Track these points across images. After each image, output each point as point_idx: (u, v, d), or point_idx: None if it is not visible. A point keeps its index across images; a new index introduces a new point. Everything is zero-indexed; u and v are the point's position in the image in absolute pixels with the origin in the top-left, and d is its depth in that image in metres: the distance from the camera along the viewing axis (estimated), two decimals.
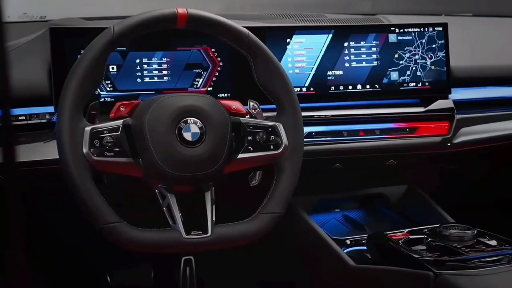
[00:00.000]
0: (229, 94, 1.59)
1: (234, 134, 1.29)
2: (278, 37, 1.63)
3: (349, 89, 1.67)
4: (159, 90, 1.54)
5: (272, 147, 1.30)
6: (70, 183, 1.17)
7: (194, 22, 1.26)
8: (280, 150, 1.29)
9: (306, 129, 1.59)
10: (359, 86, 1.67)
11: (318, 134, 1.62)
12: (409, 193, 1.84)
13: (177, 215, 1.22)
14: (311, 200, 1.75)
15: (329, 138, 1.63)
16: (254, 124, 1.30)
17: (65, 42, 1.48)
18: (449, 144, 1.70)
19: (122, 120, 1.23)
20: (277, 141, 1.30)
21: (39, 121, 1.46)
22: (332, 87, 1.66)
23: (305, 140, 1.57)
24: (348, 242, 1.60)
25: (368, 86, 1.68)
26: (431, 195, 1.79)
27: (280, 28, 1.65)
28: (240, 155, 1.28)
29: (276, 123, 1.31)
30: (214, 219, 1.25)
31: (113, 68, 1.52)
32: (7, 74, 0.74)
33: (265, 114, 1.37)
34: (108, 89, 1.52)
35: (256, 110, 1.36)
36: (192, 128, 1.22)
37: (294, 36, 1.64)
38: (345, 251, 1.56)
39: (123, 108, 1.25)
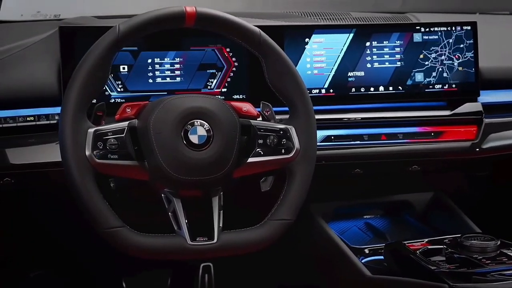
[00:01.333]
0: (244, 96, 1.57)
1: (245, 137, 1.27)
2: (297, 36, 1.60)
3: (371, 91, 1.63)
4: (171, 91, 1.53)
5: (283, 151, 1.27)
6: (71, 185, 1.16)
7: (203, 21, 1.24)
8: (291, 154, 1.27)
9: (325, 133, 1.58)
10: (381, 88, 1.64)
11: (337, 137, 1.59)
12: (435, 201, 1.80)
13: (183, 220, 1.20)
14: (330, 207, 1.73)
15: (349, 142, 1.60)
16: (265, 127, 1.28)
17: (75, 41, 1.48)
18: (477, 149, 1.65)
19: (127, 122, 1.22)
20: (289, 145, 1.27)
21: (48, 122, 1.46)
22: (353, 89, 1.63)
23: (323, 144, 1.57)
24: (366, 251, 1.57)
25: (391, 88, 1.64)
26: (457, 203, 1.75)
27: (298, 27, 1.62)
28: (250, 159, 1.26)
29: (287, 126, 1.28)
30: (221, 225, 1.23)
31: (124, 68, 1.52)
32: None
33: (279, 117, 1.35)
34: (119, 89, 1.52)
35: (268, 113, 1.34)
36: (199, 130, 1.21)
37: (313, 35, 1.61)
38: (363, 260, 1.53)
39: (129, 110, 1.24)
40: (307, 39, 1.61)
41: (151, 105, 1.24)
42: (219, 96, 1.52)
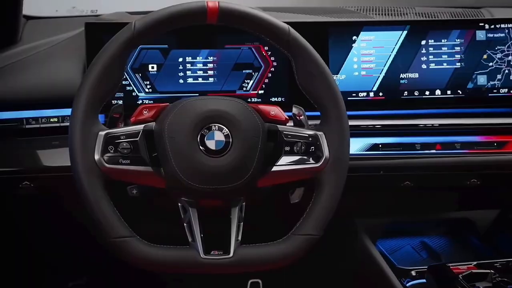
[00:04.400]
0: (283, 99, 1.54)
1: (271, 143, 1.24)
2: (343, 33, 1.55)
3: (426, 95, 1.57)
4: (203, 92, 1.51)
5: (311, 159, 1.23)
6: (79, 191, 1.15)
7: (226, 17, 1.21)
8: (319, 163, 1.22)
9: (372, 140, 1.53)
10: (438, 92, 1.57)
11: (386, 146, 1.53)
12: (501, 220, 1.70)
13: (197, 231, 1.18)
14: (380, 223, 1.67)
15: (399, 152, 1.54)
16: (292, 132, 1.24)
17: (102, 38, 1.48)
18: None
19: (143, 125, 1.21)
20: (318, 153, 1.23)
21: None
22: (405, 92, 1.56)
23: (369, 153, 1.52)
24: (413, 273, 1.51)
25: (449, 92, 1.57)
26: None
27: (344, 23, 1.57)
28: (275, 168, 1.22)
29: (317, 132, 1.24)
30: (239, 238, 1.19)
31: (153, 67, 1.50)
32: None
33: (314, 122, 1.30)
34: (147, 90, 1.51)
35: (301, 117, 1.30)
36: (216, 135, 1.18)
37: (361, 32, 1.55)
38: (408, 284, 1.47)
39: (146, 112, 1.22)
40: (354, 37, 1.55)
41: (170, 108, 1.22)
42: (257, 98, 1.49)
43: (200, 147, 1.17)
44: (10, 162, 1.45)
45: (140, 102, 1.50)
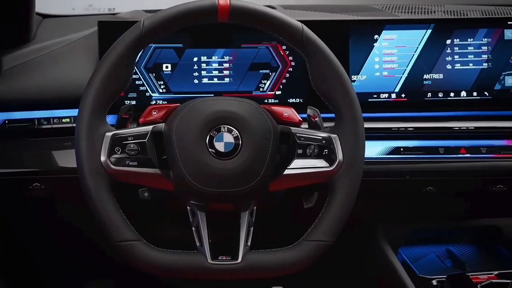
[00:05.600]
0: (301, 100, 1.52)
1: (284, 145, 1.22)
2: (364, 32, 1.52)
3: (451, 97, 1.54)
4: (219, 93, 1.49)
5: (324, 162, 1.21)
6: (85, 193, 1.15)
7: (238, 15, 1.19)
8: (333, 167, 1.20)
9: (393, 144, 1.51)
10: (463, 93, 1.54)
11: (408, 150, 1.50)
12: None
13: (205, 236, 1.17)
14: (401, 229, 1.64)
15: (422, 156, 1.50)
16: (305, 135, 1.22)
17: (116, 37, 1.48)
18: None
19: (152, 126, 1.20)
20: (331, 156, 1.21)
21: None
22: (429, 94, 1.53)
23: (391, 156, 1.50)
24: (434, 282, 1.48)
25: (475, 94, 1.54)
26: None
27: (365, 22, 1.54)
28: (287, 171, 1.21)
29: (331, 135, 1.22)
30: (248, 243, 1.18)
31: (167, 67, 1.50)
32: None
33: (328, 125, 1.28)
34: (161, 90, 1.50)
35: (315, 119, 1.28)
36: (226, 137, 1.17)
37: (383, 31, 1.52)
38: None
39: (155, 112, 1.21)
40: (376, 36, 1.53)
41: (180, 108, 1.21)
42: (274, 99, 1.47)
43: (209, 149, 1.16)
44: (21, 163, 1.45)
45: (153, 102, 1.50)
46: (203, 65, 1.50)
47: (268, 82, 1.51)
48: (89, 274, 1.89)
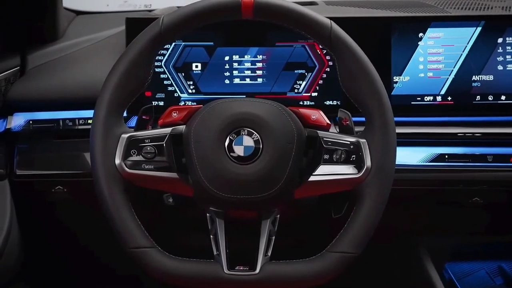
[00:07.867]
0: (338, 102, 1.48)
1: (312, 150, 1.19)
2: (408, 30, 1.47)
3: (502, 100, 1.48)
4: (251, 94, 1.46)
5: (351, 169, 1.17)
6: (99, 197, 1.14)
7: (263, 11, 1.16)
8: (360, 174, 1.15)
9: (437, 150, 1.46)
10: None
11: (453, 157, 1.45)
12: None
13: (223, 244, 1.14)
14: (445, 243, 1.57)
15: (468, 164, 1.45)
16: (332, 139, 1.18)
17: None
18: None
19: (171, 128, 1.19)
20: (359, 162, 1.16)
21: None
22: (478, 97, 1.48)
23: (434, 164, 1.45)
24: None
25: None
26: None
27: (409, 19, 1.49)
28: (312, 178, 1.17)
29: (360, 140, 1.17)
30: (268, 254, 1.15)
31: (197, 66, 1.48)
32: None
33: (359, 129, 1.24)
34: (190, 91, 1.48)
35: (346, 123, 1.24)
36: (245, 141, 1.14)
37: (429, 29, 1.47)
38: None
39: (175, 114, 1.19)
40: (421, 34, 1.47)
41: (201, 110, 1.19)
42: (310, 102, 1.44)
43: (228, 153, 1.14)
44: (44, 165, 1.46)
45: (182, 103, 1.48)
46: (235, 65, 1.48)
47: (304, 82, 1.48)
48: (112, 279, 1.89)
